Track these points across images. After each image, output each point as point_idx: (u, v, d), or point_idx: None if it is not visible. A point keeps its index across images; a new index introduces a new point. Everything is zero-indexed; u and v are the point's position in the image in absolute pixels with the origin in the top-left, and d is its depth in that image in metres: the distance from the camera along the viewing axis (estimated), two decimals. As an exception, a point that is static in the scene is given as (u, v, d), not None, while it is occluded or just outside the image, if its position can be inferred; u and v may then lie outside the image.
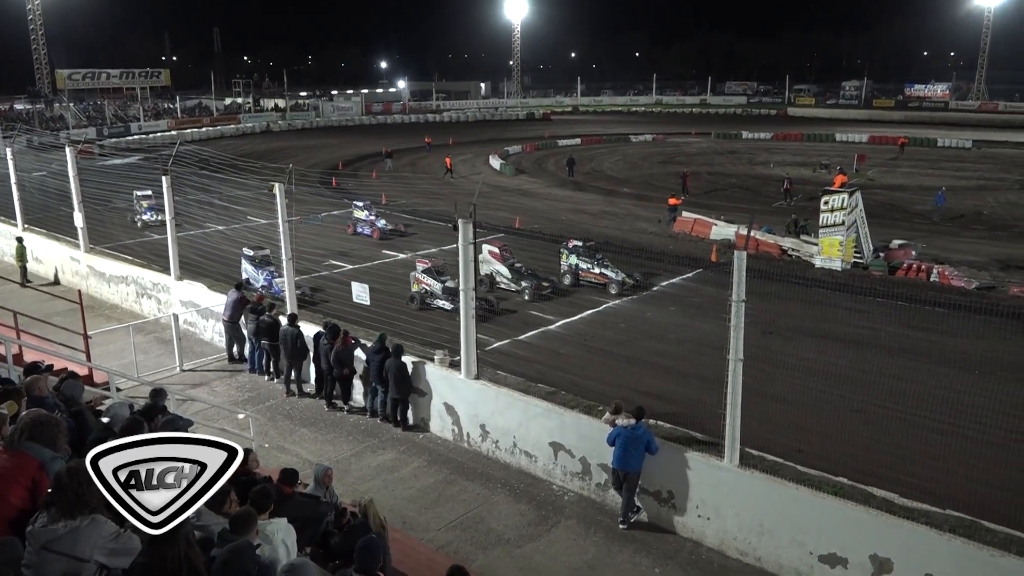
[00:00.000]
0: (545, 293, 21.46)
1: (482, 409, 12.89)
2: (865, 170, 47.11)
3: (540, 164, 54.46)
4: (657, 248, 26.93)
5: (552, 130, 75.25)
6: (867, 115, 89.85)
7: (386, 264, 25.35)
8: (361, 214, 29.89)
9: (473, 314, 12.82)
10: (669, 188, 43.32)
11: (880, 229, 28.30)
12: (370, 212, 29.92)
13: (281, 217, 15.49)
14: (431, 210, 33.59)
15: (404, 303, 19.85)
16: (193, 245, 24.56)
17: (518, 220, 31.79)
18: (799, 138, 68.96)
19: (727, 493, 10.21)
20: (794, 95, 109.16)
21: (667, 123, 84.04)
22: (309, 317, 16.98)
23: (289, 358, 15.27)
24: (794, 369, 15.65)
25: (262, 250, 21.92)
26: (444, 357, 13.70)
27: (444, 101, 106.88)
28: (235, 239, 26.35)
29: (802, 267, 25.39)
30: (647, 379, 15.64)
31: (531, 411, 12.17)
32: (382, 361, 13.76)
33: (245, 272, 21.71)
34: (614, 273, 22.64)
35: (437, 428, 13.67)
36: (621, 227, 31.72)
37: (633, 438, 10.53)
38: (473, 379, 13.00)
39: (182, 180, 23.12)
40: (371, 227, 29.28)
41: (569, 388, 13.49)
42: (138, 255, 22.75)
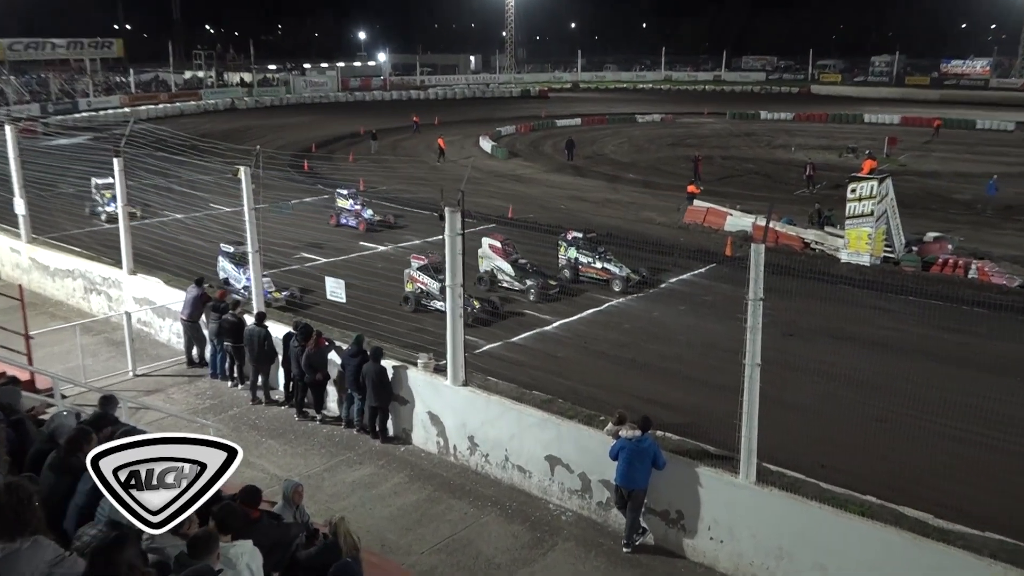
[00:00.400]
0: (552, 293, 21.43)
1: (470, 419, 12.89)
2: (896, 155, 47.31)
3: (536, 147, 54.46)
4: (666, 240, 26.97)
5: (549, 109, 75.30)
6: (899, 94, 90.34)
7: (364, 257, 25.32)
8: (345, 203, 29.78)
9: (460, 313, 12.82)
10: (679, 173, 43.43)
11: (913, 220, 28.45)
12: (355, 201, 29.80)
13: (247, 205, 15.43)
14: (414, 197, 33.58)
15: (393, 303, 19.73)
16: (148, 235, 24.47)
17: (511, 209, 31.78)
18: (823, 119, 69.20)
19: (743, 513, 10.23)
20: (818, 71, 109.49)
21: (677, 102, 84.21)
22: (278, 316, 16.96)
23: (255, 362, 15.23)
24: (817, 375, 15.70)
25: (243, 246, 21.82)
26: (428, 361, 13.68)
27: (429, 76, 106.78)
28: (196, 229, 26.26)
29: (826, 262, 25.47)
30: (654, 386, 15.66)
31: (525, 421, 12.17)
32: (359, 365, 13.74)
33: (223, 271, 21.52)
34: (618, 268, 22.66)
35: (420, 440, 13.66)
36: (626, 217, 31.76)
37: (638, 452, 10.54)
38: (460, 385, 12.99)
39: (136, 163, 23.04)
40: (357, 218, 29.17)
41: (567, 396, 13.49)
42: (86, 246, 22.64)
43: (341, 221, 29.50)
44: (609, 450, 10.79)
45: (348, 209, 29.63)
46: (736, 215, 29.80)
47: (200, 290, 16.85)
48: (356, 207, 29.59)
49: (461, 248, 12.46)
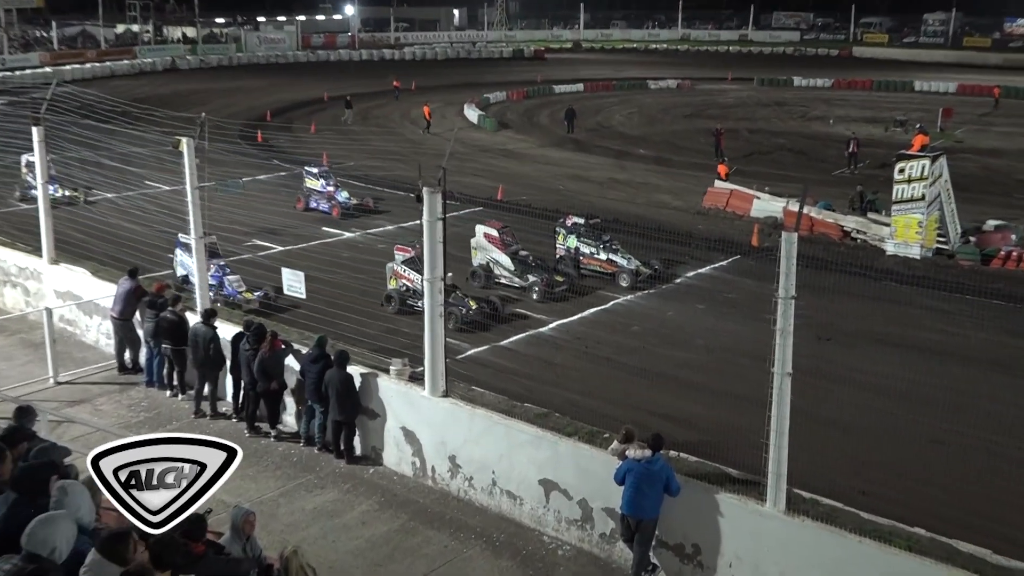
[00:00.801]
0: (559, 292, 21.41)
1: (452, 436, 12.88)
2: (952, 129, 47.51)
3: (530, 117, 54.46)
4: (682, 228, 27.01)
5: (546, 73, 75.31)
6: (955, 57, 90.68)
7: (328, 246, 25.27)
8: (315, 183, 29.62)
9: (440, 312, 12.79)
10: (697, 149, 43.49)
11: (970, 206, 28.52)
12: (328, 181, 29.62)
13: (189, 183, 15.34)
14: (388, 176, 33.55)
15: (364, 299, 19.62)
16: (74, 218, 24.36)
17: (501, 189, 31.78)
18: (867, 86, 69.44)
19: (770, 547, 10.25)
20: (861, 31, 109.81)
21: (696, 65, 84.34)
22: (227, 315, 16.90)
23: (200, 367, 15.18)
24: (858, 386, 15.75)
25: (207, 237, 21.61)
26: (403, 368, 13.66)
27: (406, 33, 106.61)
28: (129, 211, 26.13)
29: (870, 254, 25.56)
30: (667, 398, 15.68)
31: (516, 439, 12.16)
32: (321, 372, 13.71)
33: (182, 267, 21.19)
34: (625, 260, 22.69)
35: (393, 460, 13.65)
36: (635, 200, 31.79)
37: (648, 475, 10.54)
38: (440, 396, 12.97)
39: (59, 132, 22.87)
40: (329, 201, 29.06)
41: (565, 409, 13.50)
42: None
43: (310, 205, 29.36)
44: (614, 473, 10.79)
45: (319, 191, 29.41)
46: (764, 198, 29.84)
47: (134, 283, 16.76)
48: (328, 188, 29.38)
49: (442, 235, 12.44)
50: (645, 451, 10.65)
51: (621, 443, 10.98)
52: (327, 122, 48.73)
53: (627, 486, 10.64)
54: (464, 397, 13.07)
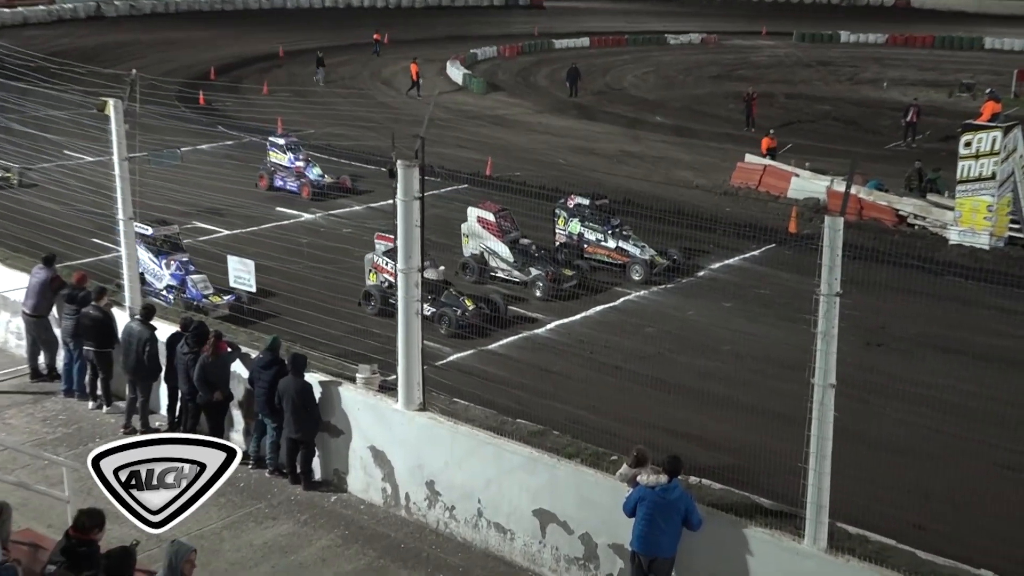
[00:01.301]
0: (568, 288, 21.42)
1: (430, 457, 12.87)
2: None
3: (526, 77, 54.47)
4: (706, 211, 27.01)
5: (545, 24, 75.30)
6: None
7: (283, 230, 25.22)
8: (281, 158, 29.57)
9: (417, 309, 12.78)
10: (724, 117, 43.52)
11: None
12: (297, 155, 29.52)
13: (117, 153, 15.28)
14: (355, 146, 33.48)
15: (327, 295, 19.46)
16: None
17: (490, 163, 31.76)
18: (928, 43, 69.55)
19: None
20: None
21: (725, 16, 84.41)
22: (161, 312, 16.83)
23: (132, 374, 15.15)
24: (914, 401, 15.76)
25: (166, 226, 21.28)
26: (372, 376, 13.64)
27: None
28: (46, 185, 26.06)
29: (929, 243, 25.61)
30: (687, 414, 15.70)
31: (506, 461, 12.16)
32: (274, 380, 13.68)
33: (153, 275, 20.68)
34: (638, 248, 22.73)
35: (359, 486, 13.65)
36: (650, 177, 31.79)
37: (664, 505, 10.55)
38: (416, 410, 12.96)
39: (-41, 91, 22.84)
40: (299, 179, 29.04)
41: (565, 426, 13.48)
42: None
43: (276, 183, 29.30)
44: (624, 503, 10.79)
45: (286, 166, 29.38)
46: (804, 176, 29.88)
47: (50, 272, 16.71)
48: (297, 164, 29.32)
49: (419, 217, 12.42)
50: (660, 477, 10.65)
51: (632, 467, 10.98)
52: (282, 81, 48.71)
53: (638, 518, 10.64)
54: (445, 411, 13.04)
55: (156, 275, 20.49)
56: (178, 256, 20.55)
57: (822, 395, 9.71)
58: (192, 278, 20.11)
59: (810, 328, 9.62)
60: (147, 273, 20.21)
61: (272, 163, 29.70)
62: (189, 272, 20.29)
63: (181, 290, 19.97)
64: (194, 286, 19.92)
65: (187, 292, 19.89)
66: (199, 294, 19.76)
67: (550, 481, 11.81)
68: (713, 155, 35.34)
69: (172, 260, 20.48)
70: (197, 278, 20.10)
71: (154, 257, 20.55)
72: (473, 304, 19.55)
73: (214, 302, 19.59)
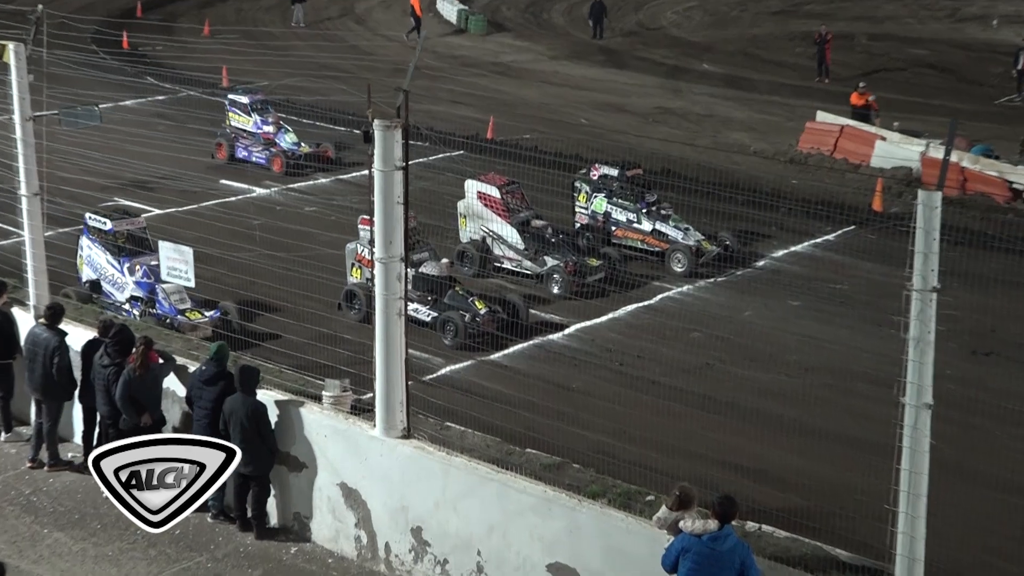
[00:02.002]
0: (593, 283, 21.49)
1: (417, 498, 12.89)
2: None
3: (536, 13, 54.40)
4: (767, 183, 27.03)
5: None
6: None
7: (229, 209, 25.22)
8: (246, 121, 29.60)
9: (399, 308, 12.79)
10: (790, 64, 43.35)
11: None
12: (265, 118, 29.56)
13: (19, 111, 15.35)
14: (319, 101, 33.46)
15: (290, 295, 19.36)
16: None
17: (492, 123, 31.77)
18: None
19: (898, 667, 10.28)
20: None
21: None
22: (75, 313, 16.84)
23: (38, 391, 15.17)
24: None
25: (130, 218, 20.88)
26: (342, 395, 13.66)
27: None
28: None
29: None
30: (743, 442, 15.68)
31: (513, 502, 12.18)
32: (218, 399, 13.67)
33: (91, 266, 20.63)
34: (680, 232, 22.78)
35: (326, 534, 13.68)
36: (695, 141, 31.82)
37: (714, 558, 10.56)
38: (399, 437, 12.96)
39: None
40: (268, 149, 29.12)
41: (588, 458, 13.52)
42: None
43: (238, 154, 29.47)
44: (663, 555, 10.80)
45: (251, 132, 29.49)
46: (892, 139, 29.87)
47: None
48: (266, 128, 29.43)
49: (403, 192, 12.43)
50: (709, 522, 10.68)
51: (673, 510, 11.00)
52: (229, 20, 48.76)
53: (682, 574, 10.68)
54: (435, 439, 13.05)
55: (116, 283, 20.12)
56: (145, 259, 19.91)
57: (915, 418, 9.72)
58: (163, 287, 19.37)
59: (899, 333, 9.63)
60: (105, 280, 20.11)
61: (233, 128, 29.77)
62: (157, 276, 19.06)
63: (149, 304, 19.55)
64: (166, 298, 19.38)
65: (157, 306, 19.44)
66: (172, 308, 19.26)
67: (569, 528, 11.83)
68: (775, 112, 35.33)
69: (137, 264, 19.95)
70: (170, 287, 19.24)
71: (114, 259, 20.16)
72: (485, 307, 19.60)
73: (192, 320, 19.05)
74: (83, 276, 20.45)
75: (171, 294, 19.30)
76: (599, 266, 21.80)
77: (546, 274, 21.63)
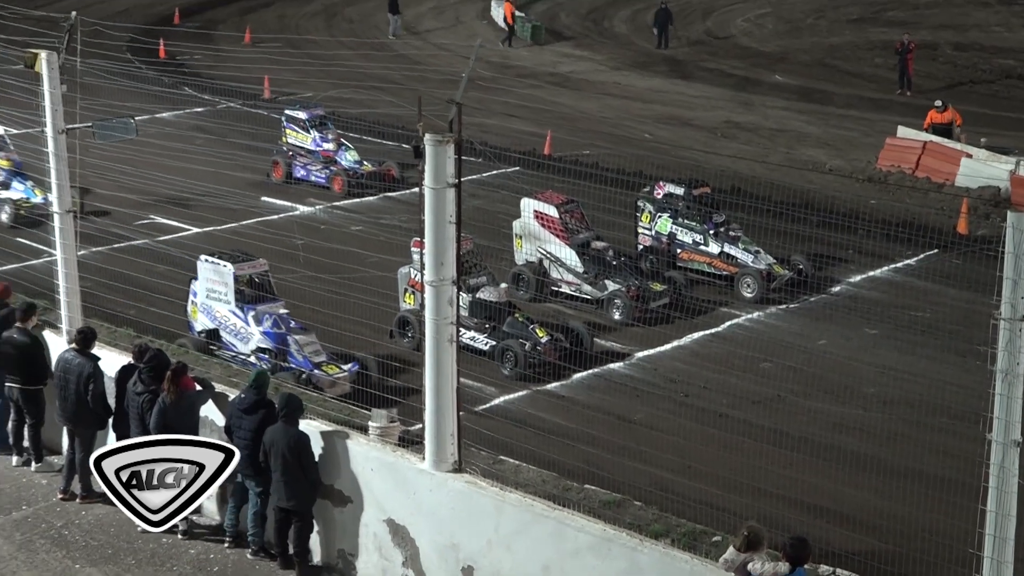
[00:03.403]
0: (656, 308, 21.48)
1: (468, 536, 12.89)
2: None
3: (597, 21, 54.47)
4: (844, 203, 26.90)
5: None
6: None
7: (270, 227, 25.35)
8: (304, 138, 29.77)
9: (451, 335, 12.81)
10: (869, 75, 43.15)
11: None
12: (324, 135, 29.72)
13: (52, 123, 15.49)
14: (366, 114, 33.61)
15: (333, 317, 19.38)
16: None
17: (549, 138, 31.82)
18: None
19: None
20: None
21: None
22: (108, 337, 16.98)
23: (70, 421, 15.20)
24: None
25: (251, 262, 19.77)
26: (390, 425, 13.70)
27: None
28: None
29: None
30: (817, 479, 15.62)
31: (571, 541, 12.14)
32: (259, 429, 13.71)
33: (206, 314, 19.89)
34: (751, 255, 22.73)
35: (372, 573, 13.67)
36: (767, 157, 31.71)
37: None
38: (450, 471, 12.97)
39: None
40: (328, 168, 29.26)
41: (651, 495, 13.51)
42: None
43: (296, 173, 29.57)
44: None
45: (310, 149, 29.65)
46: (979, 157, 29.66)
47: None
48: (326, 146, 29.59)
49: (455, 211, 12.48)
50: (780, 566, 10.65)
51: (741, 551, 10.97)
52: (271, 27, 48.98)
53: (750, 620, 10.65)
54: (488, 474, 13.09)
55: (239, 334, 19.52)
56: (272, 307, 19.41)
57: (1003, 456, 9.64)
58: (296, 339, 18.92)
59: (986, 365, 9.57)
60: (225, 330, 19.59)
61: (290, 145, 29.88)
62: (291, 330, 19.07)
63: (280, 356, 18.85)
64: (299, 351, 18.79)
65: (290, 359, 18.79)
66: (307, 362, 18.67)
67: (629, 569, 11.79)
68: (853, 127, 35.19)
69: (265, 313, 19.29)
70: (303, 339, 18.93)
71: (236, 308, 19.54)
72: (547, 335, 19.61)
73: (331, 374, 18.46)
74: (196, 325, 19.90)
75: (304, 346, 18.78)
76: (663, 291, 21.77)
77: (607, 299, 21.60)
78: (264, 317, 19.07)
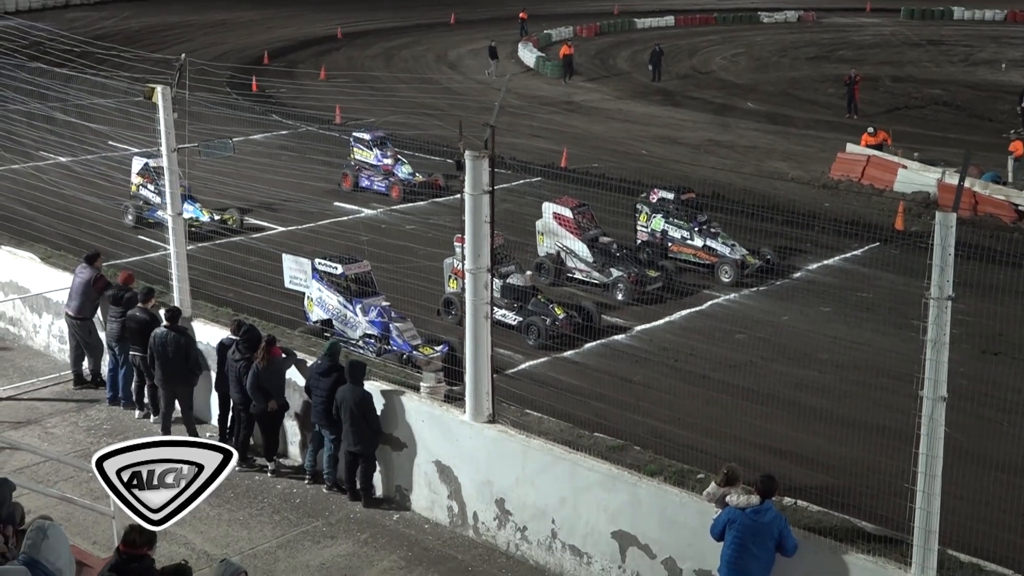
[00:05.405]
0: (651, 291, 21.39)
1: (500, 474, 12.92)
2: None
3: (604, 59, 54.34)
4: (803, 205, 26.81)
5: (626, 1, 74.99)
6: None
7: (340, 226, 25.38)
8: (368, 155, 29.68)
9: (486, 312, 12.82)
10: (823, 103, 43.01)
11: None
12: (384, 152, 29.61)
13: (166, 144, 15.52)
14: (419, 135, 33.67)
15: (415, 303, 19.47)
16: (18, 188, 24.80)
17: (565, 154, 31.78)
18: (1053, 19, 68.12)
19: (916, 625, 10.16)
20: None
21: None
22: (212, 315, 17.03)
23: (164, 382, 15.24)
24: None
25: (357, 263, 19.29)
26: (437, 385, 13.71)
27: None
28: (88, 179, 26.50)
29: (1053, 241, 25.14)
30: (781, 428, 15.58)
31: (583, 479, 12.16)
32: (332, 388, 13.78)
33: (321, 307, 19.36)
34: (728, 247, 22.63)
35: (423, 504, 13.74)
36: (741, 169, 31.62)
37: (755, 528, 10.49)
38: (485, 422, 13.00)
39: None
40: (388, 178, 29.18)
41: (648, 441, 13.49)
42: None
43: (361, 183, 29.43)
44: (711, 525, 10.76)
45: (372, 164, 29.58)
46: (912, 168, 29.47)
47: (94, 271, 16.85)
48: (385, 161, 29.50)
49: (489, 212, 12.48)
50: (752, 497, 10.61)
51: (721, 486, 10.94)
52: (341, 66, 49.03)
53: (727, 542, 10.60)
54: (516, 424, 13.10)
55: (349, 323, 19.19)
56: (375, 300, 19.14)
57: (932, 409, 9.62)
58: (396, 325, 18.67)
59: (918, 335, 9.54)
60: (336, 319, 19.31)
61: (357, 161, 29.76)
62: (392, 319, 18.83)
63: (384, 340, 18.66)
64: (400, 335, 18.54)
65: (392, 343, 18.59)
66: (407, 345, 18.38)
67: (631, 501, 11.80)
68: (810, 144, 35.02)
69: (370, 305, 19.03)
70: (403, 326, 18.68)
71: (346, 301, 19.24)
72: (564, 312, 19.61)
73: (426, 355, 18.11)
74: (312, 316, 19.63)
75: (404, 331, 18.56)
76: (657, 277, 21.71)
77: (611, 283, 21.56)
78: (370, 308, 18.86)
